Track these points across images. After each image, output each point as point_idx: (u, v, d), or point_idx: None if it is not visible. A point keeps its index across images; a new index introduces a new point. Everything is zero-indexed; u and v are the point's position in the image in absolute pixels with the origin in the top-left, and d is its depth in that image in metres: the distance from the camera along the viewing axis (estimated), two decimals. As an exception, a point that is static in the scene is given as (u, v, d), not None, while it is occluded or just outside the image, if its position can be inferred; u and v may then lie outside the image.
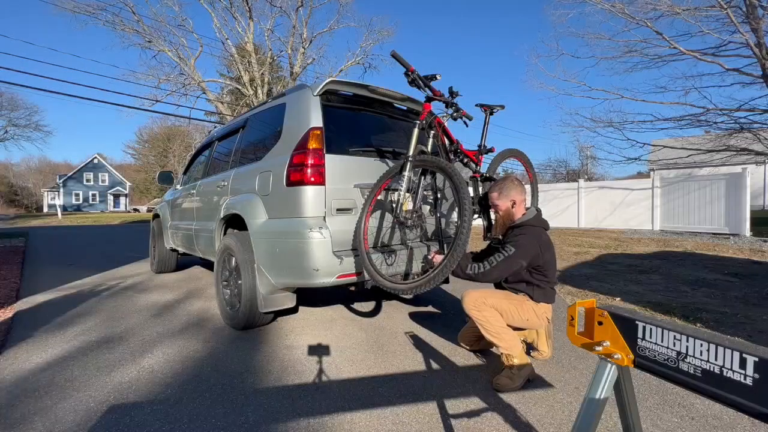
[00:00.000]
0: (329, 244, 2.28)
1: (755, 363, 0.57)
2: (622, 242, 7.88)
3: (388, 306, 3.39)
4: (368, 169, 2.55)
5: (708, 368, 0.63)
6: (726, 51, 8.58)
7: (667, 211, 10.13)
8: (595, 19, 12.42)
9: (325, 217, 2.35)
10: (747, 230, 8.47)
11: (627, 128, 10.09)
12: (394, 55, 2.18)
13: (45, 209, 45.78)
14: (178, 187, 4.74)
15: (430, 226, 2.81)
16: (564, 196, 12.06)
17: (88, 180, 46.68)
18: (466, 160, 2.64)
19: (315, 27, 19.18)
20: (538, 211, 2.21)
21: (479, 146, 2.71)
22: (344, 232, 2.38)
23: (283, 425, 1.61)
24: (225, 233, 3.15)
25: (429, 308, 3.35)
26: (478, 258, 2.11)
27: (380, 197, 2.43)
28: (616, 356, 0.76)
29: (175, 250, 4.77)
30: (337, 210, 2.40)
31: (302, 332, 2.72)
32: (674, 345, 0.68)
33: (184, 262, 5.36)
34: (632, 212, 10.75)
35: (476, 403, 1.78)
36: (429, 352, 2.38)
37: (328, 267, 2.29)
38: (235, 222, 3.04)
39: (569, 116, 27.69)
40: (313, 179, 2.31)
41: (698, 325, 2.81)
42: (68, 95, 32.66)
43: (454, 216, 3.00)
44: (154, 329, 2.82)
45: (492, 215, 2.41)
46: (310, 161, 2.31)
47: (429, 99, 2.30)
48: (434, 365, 2.20)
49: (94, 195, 46.90)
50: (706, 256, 6.01)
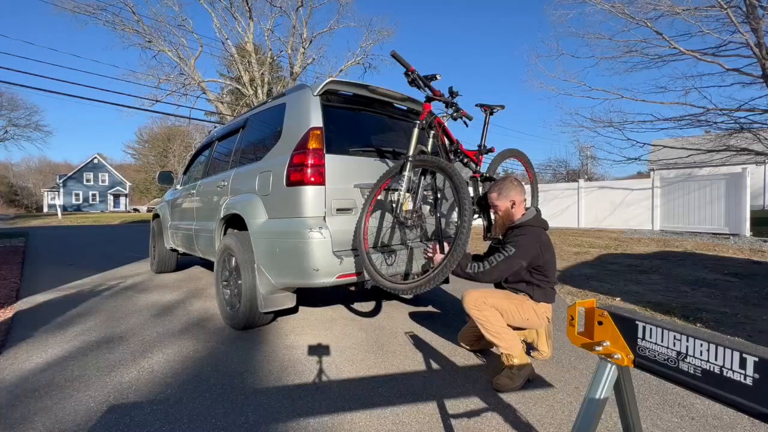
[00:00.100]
0: (329, 244, 2.28)
1: (755, 363, 0.57)
2: (622, 242, 7.88)
3: (388, 306, 3.39)
4: (368, 169, 2.55)
5: (708, 368, 0.63)
6: (726, 51, 8.59)
7: (667, 211, 10.13)
8: (595, 19, 12.44)
9: (325, 217, 2.35)
10: (747, 230, 8.47)
11: (627, 128, 10.11)
12: (394, 55, 2.18)
13: (45, 209, 45.79)
14: (178, 187, 4.74)
15: (430, 226, 2.81)
16: (564, 196, 12.06)
17: (88, 180, 46.68)
18: (466, 160, 2.65)
19: (315, 27, 19.21)
20: (538, 211, 2.21)
21: (479, 146, 2.71)
22: (344, 232, 2.38)
23: (283, 425, 1.61)
24: (225, 233, 3.15)
25: (429, 308, 3.35)
26: (479, 259, 2.12)
27: (380, 197, 2.43)
28: (616, 356, 0.76)
29: (175, 250, 4.77)
30: (337, 210, 2.40)
31: (302, 332, 2.72)
32: (674, 345, 0.68)
33: (184, 262, 5.36)
34: (632, 212, 10.75)
35: (476, 403, 1.78)
36: (429, 352, 2.38)
37: (328, 267, 2.29)
38: (235, 222, 3.04)
39: (569, 116, 27.72)
40: (313, 179, 2.31)
41: (698, 325, 2.81)
42: (68, 95, 32.73)
43: (454, 216, 3.00)
44: (154, 329, 2.82)
45: (492, 215, 2.41)
46: (310, 161, 2.31)
47: (429, 99, 2.30)
48: (434, 365, 2.20)
49: (94, 195, 46.91)
50: (706, 256, 6.01)
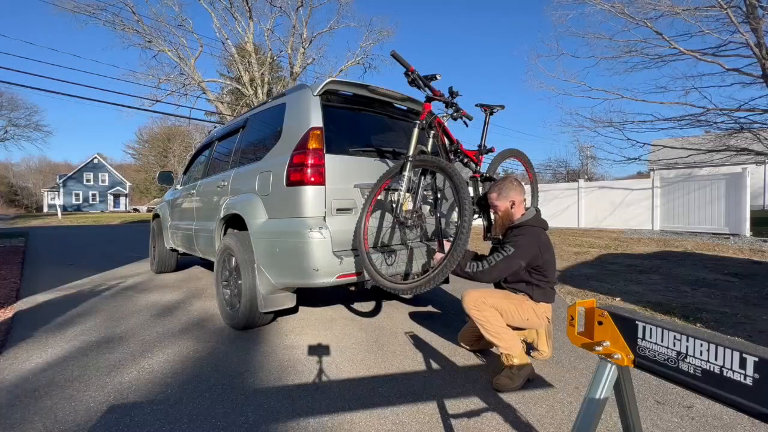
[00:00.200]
0: (329, 244, 2.28)
1: (755, 363, 0.57)
2: (622, 242, 7.88)
3: (388, 306, 3.39)
4: (368, 169, 2.55)
5: (708, 368, 0.63)
6: (726, 51, 8.59)
7: (667, 211, 10.13)
8: (595, 19, 12.43)
9: (325, 217, 2.35)
10: (747, 230, 8.47)
11: (627, 128, 10.11)
12: (394, 55, 2.18)
13: (45, 209, 45.78)
14: (178, 187, 4.74)
15: (430, 226, 2.81)
16: (564, 196, 12.06)
17: (88, 180, 46.68)
18: (466, 160, 2.64)
19: (315, 27, 19.21)
20: (538, 211, 2.21)
21: (479, 146, 2.71)
22: (344, 232, 2.38)
23: (283, 425, 1.61)
24: (225, 233, 3.15)
25: (429, 308, 3.35)
26: (481, 258, 2.12)
27: (380, 197, 2.43)
28: (616, 356, 0.76)
29: (175, 250, 4.77)
30: (337, 210, 2.40)
31: (302, 332, 2.72)
32: (674, 345, 0.67)
33: (184, 262, 5.36)
34: (632, 212, 10.75)
35: (476, 403, 1.78)
36: (429, 352, 2.38)
37: (328, 267, 2.29)
38: (235, 222, 3.04)
39: (569, 116, 27.72)
40: (313, 179, 2.31)
41: (698, 325, 2.81)
42: (68, 95, 32.71)
43: (454, 216, 3.00)
44: (154, 329, 2.82)
45: (492, 215, 2.41)
46: (310, 161, 2.31)
47: (429, 99, 2.30)
48: (434, 365, 2.20)
49: (94, 195, 46.91)
50: (706, 256, 6.01)
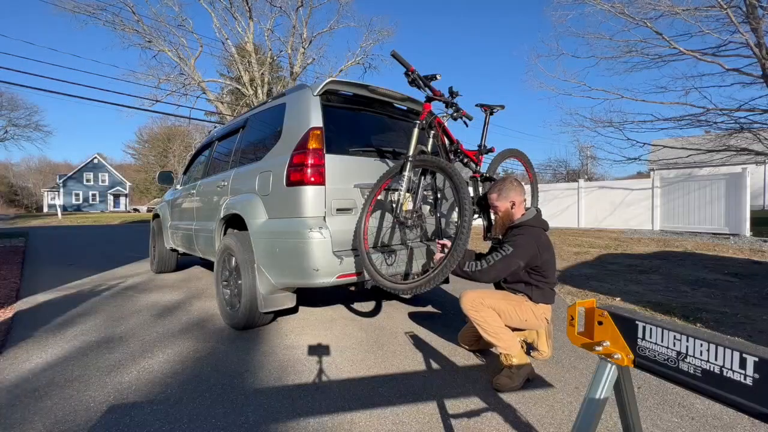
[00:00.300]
0: (329, 244, 2.28)
1: (755, 363, 0.57)
2: (622, 242, 7.88)
3: (388, 306, 3.39)
4: (368, 169, 2.55)
5: (708, 368, 0.63)
6: (726, 51, 8.59)
7: (667, 211, 10.13)
8: (594, 19, 12.41)
9: (325, 217, 2.35)
10: (747, 230, 8.47)
11: (627, 128, 10.12)
12: (394, 55, 2.18)
13: (45, 209, 45.78)
14: (178, 187, 4.74)
15: (430, 226, 2.81)
16: (564, 196, 12.06)
17: (88, 180, 46.68)
18: (466, 160, 2.64)
19: (315, 27, 19.21)
20: (538, 211, 2.21)
21: (479, 146, 2.71)
22: (344, 232, 2.38)
23: (283, 425, 1.61)
24: (225, 233, 3.15)
25: (429, 308, 3.35)
26: (481, 258, 2.12)
27: (380, 197, 2.43)
28: (616, 356, 0.76)
29: (175, 250, 4.77)
30: (337, 210, 2.40)
31: (302, 332, 2.72)
32: (674, 345, 0.67)
33: (184, 262, 5.36)
34: (632, 212, 10.75)
35: (476, 403, 1.78)
36: (429, 352, 2.38)
37: (328, 267, 2.29)
38: (235, 222, 3.04)
39: (569, 116, 27.64)
40: (313, 179, 2.31)
41: (698, 325, 2.81)
42: (68, 95, 32.69)
43: (454, 216, 3.00)
44: (154, 329, 2.82)
45: (492, 215, 2.41)
46: (310, 161, 2.31)
47: (429, 99, 2.30)
48: (434, 365, 2.20)
49: (94, 195, 46.90)
50: (706, 256, 6.01)
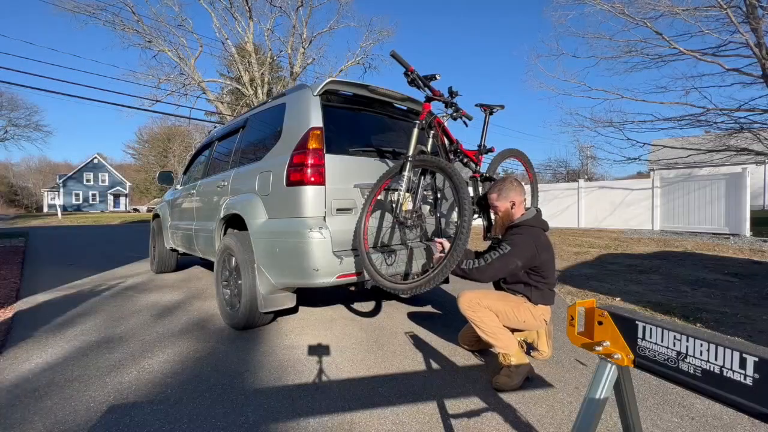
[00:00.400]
0: (329, 244, 2.28)
1: (755, 363, 0.57)
2: (622, 242, 7.88)
3: (388, 306, 3.39)
4: (368, 169, 2.55)
5: (708, 368, 0.63)
6: (726, 51, 8.60)
7: (667, 211, 10.13)
8: (594, 19, 12.43)
9: (325, 217, 2.35)
10: (747, 230, 8.47)
11: (627, 128, 10.14)
12: (393, 55, 2.18)
13: (45, 209, 45.78)
14: (178, 187, 4.74)
15: (430, 226, 2.81)
16: (564, 196, 12.06)
17: (88, 180, 46.68)
18: (466, 160, 2.64)
19: (315, 27, 19.21)
20: (538, 211, 2.20)
21: (479, 146, 2.71)
22: (344, 232, 2.38)
23: (283, 425, 1.61)
24: (225, 233, 3.15)
25: (429, 308, 3.35)
26: (480, 256, 2.12)
27: (380, 197, 2.43)
28: (616, 356, 0.76)
29: (175, 250, 4.77)
30: (337, 210, 2.40)
31: (302, 332, 2.72)
32: (674, 345, 0.67)
33: (184, 262, 5.36)
34: (632, 212, 10.75)
35: (476, 403, 1.78)
36: (429, 352, 2.38)
37: (328, 267, 2.29)
38: (235, 222, 3.04)
39: (569, 116, 27.68)
40: (313, 179, 2.31)
41: (698, 325, 2.81)
42: (68, 95, 32.70)
43: (454, 216, 3.00)
44: (154, 329, 2.82)
45: (492, 215, 2.41)
46: (310, 161, 2.31)
47: (429, 99, 2.30)
48: (434, 365, 2.20)
49: (94, 195, 46.90)
50: (706, 256, 6.01)
